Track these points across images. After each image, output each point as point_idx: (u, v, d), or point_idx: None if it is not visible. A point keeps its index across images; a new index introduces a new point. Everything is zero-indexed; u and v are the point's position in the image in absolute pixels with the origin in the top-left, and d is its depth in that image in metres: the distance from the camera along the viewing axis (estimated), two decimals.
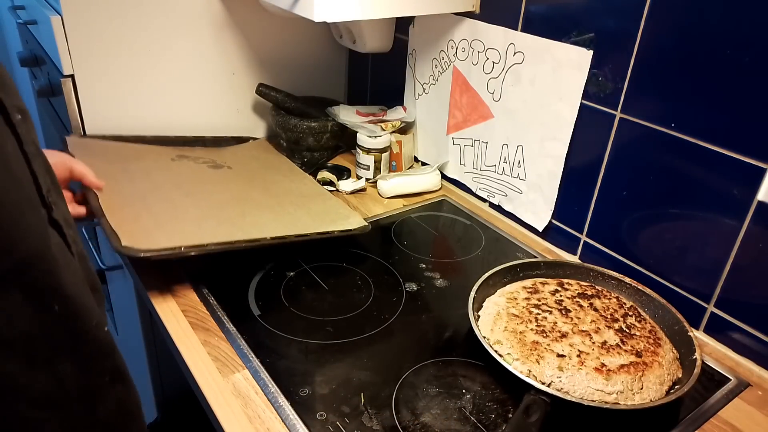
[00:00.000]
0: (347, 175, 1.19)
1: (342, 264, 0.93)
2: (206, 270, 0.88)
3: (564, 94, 0.91)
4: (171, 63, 1.17)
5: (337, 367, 0.72)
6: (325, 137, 1.22)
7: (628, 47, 0.81)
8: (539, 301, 0.78)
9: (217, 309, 0.81)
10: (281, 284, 0.87)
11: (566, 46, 0.88)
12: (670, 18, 0.76)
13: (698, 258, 0.80)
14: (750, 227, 0.74)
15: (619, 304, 0.79)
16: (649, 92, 0.81)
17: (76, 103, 1.10)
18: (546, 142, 0.96)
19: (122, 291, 1.16)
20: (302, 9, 0.88)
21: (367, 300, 0.85)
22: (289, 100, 1.25)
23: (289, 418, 0.65)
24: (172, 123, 1.22)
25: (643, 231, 0.86)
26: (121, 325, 1.33)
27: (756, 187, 0.72)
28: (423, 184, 1.16)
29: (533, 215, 1.03)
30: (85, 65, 1.07)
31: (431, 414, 0.66)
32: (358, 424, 0.64)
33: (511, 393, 0.69)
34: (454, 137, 1.15)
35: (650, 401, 0.66)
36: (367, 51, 1.26)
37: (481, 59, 1.04)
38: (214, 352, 0.74)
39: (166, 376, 1.09)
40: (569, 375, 0.66)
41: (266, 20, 1.24)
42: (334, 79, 1.42)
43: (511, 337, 0.72)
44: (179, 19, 1.14)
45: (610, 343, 0.71)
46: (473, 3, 1.02)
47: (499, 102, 1.03)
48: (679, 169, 0.79)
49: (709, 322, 0.81)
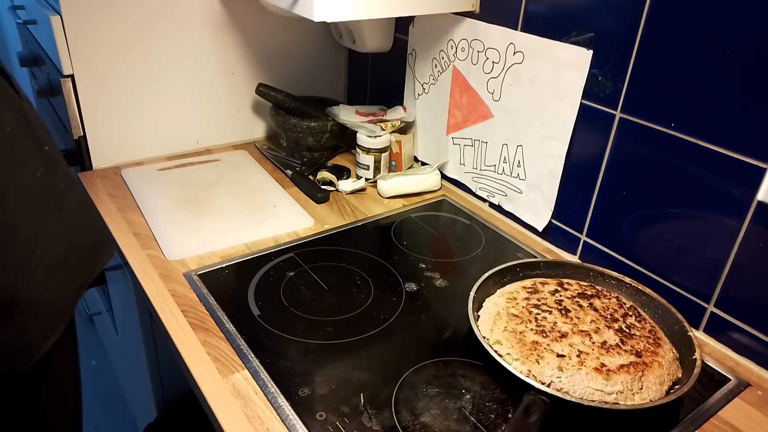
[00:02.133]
0: (347, 175, 1.19)
1: (342, 264, 0.93)
2: (206, 270, 0.88)
3: (564, 94, 0.91)
4: (171, 63, 1.17)
5: (337, 368, 0.72)
6: (324, 137, 1.22)
7: (628, 47, 0.81)
8: (539, 301, 0.78)
9: (216, 309, 0.81)
10: (281, 284, 0.87)
11: (566, 45, 0.88)
12: (670, 18, 0.76)
13: (698, 258, 0.80)
14: (750, 227, 0.74)
15: (619, 304, 0.79)
16: (649, 92, 0.80)
17: (76, 103, 1.10)
18: (546, 141, 0.96)
19: (122, 291, 1.16)
20: (302, 9, 0.88)
21: (366, 300, 0.85)
22: (288, 100, 1.25)
23: (288, 419, 0.65)
24: (172, 122, 1.22)
25: (643, 231, 0.86)
26: (121, 325, 1.33)
27: (756, 187, 0.72)
28: (423, 184, 1.16)
29: (533, 215, 1.03)
30: (85, 65, 1.08)
31: (431, 414, 0.66)
32: (358, 424, 0.64)
33: (510, 393, 0.69)
34: (453, 137, 1.15)
35: (650, 401, 0.66)
36: (367, 51, 1.26)
37: (480, 59, 1.04)
38: (213, 352, 0.74)
39: (165, 376, 1.09)
40: (569, 375, 0.66)
41: (266, 20, 1.24)
42: (334, 79, 1.42)
43: (511, 337, 0.72)
44: (179, 18, 1.14)
45: (609, 343, 0.71)
46: (473, 3, 1.02)
47: (498, 102, 1.03)
48: (679, 169, 0.79)
49: (709, 322, 0.81)
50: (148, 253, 0.92)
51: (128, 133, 1.18)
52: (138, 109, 1.17)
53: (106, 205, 1.04)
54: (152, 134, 1.21)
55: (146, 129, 1.20)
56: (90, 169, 1.16)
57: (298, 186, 1.16)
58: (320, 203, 1.11)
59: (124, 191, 1.09)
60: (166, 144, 1.24)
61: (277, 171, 1.22)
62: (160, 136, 1.22)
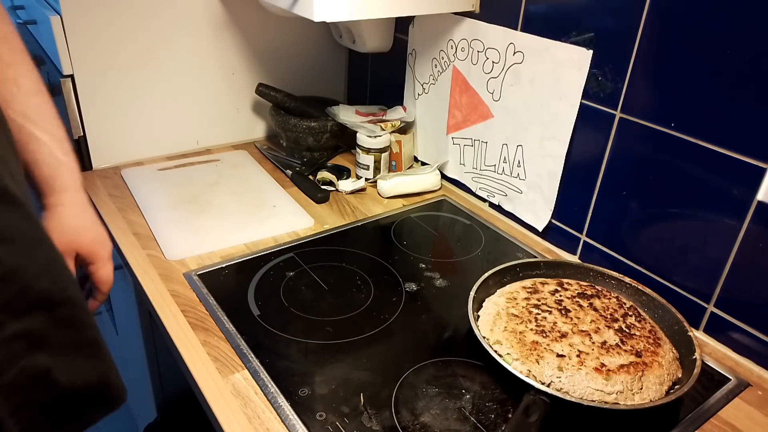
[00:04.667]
0: (347, 174, 1.19)
1: (342, 264, 0.93)
2: (206, 270, 0.88)
3: (564, 94, 0.91)
4: (171, 63, 1.17)
5: (337, 368, 0.72)
6: (324, 137, 1.22)
7: (627, 47, 0.81)
8: (539, 301, 0.78)
9: (216, 309, 0.81)
10: (281, 284, 0.87)
11: (566, 45, 0.88)
12: (670, 18, 0.76)
13: (698, 258, 0.80)
14: (750, 227, 0.74)
15: (619, 304, 0.79)
16: (649, 92, 0.80)
17: (76, 103, 1.10)
18: (546, 141, 0.96)
19: (122, 291, 1.16)
20: (302, 9, 0.88)
21: (366, 300, 0.85)
22: (288, 100, 1.25)
23: (288, 419, 0.65)
24: (172, 122, 1.22)
25: (643, 231, 0.86)
26: (121, 325, 1.33)
27: (756, 187, 0.72)
28: (423, 184, 1.16)
29: (533, 215, 1.03)
30: (85, 65, 1.08)
31: (431, 414, 0.66)
32: (358, 424, 0.64)
33: (510, 393, 0.69)
34: (453, 137, 1.15)
35: (650, 401, 0.66)
36: (366, 51, 1.26)
37: (480, 59, 1.03)
38: (213, 352, 0.74)
39: (165, 376, 1.09)
40: (569, 375, 0.66)
41: (266, 20, 1.24)
42: (333, 79, 1.42)
43: (511, 337, 0.72)
44: (179, 18, 1.14)
45: (609, 343, 0.71)
46: (473, 3, 1.02)
47: (498, 102, 1.03)
48: (679, 169, 0.79)
49: (709, 322, 0.81)
50: (148, 253, 0.92)
51: (128, 133, 1.18)
52: (138, 109, 1.17)
53: (106, 205, 1.04)
54: (152, 134, 1.21)
55: (146, 129, 1.20)
56: (90, 169, 1.16)
57: (298, 186, 1.16)
58: (320, 203, 1.11)
59: (124, 191, 1.09)
60: (166, 144, 1.24)
61: (277, 171, 1.22)
62: (160, 136, 1.22)
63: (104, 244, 0.76)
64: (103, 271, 0.75)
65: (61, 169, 0.71)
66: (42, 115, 0.70)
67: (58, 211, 0.71)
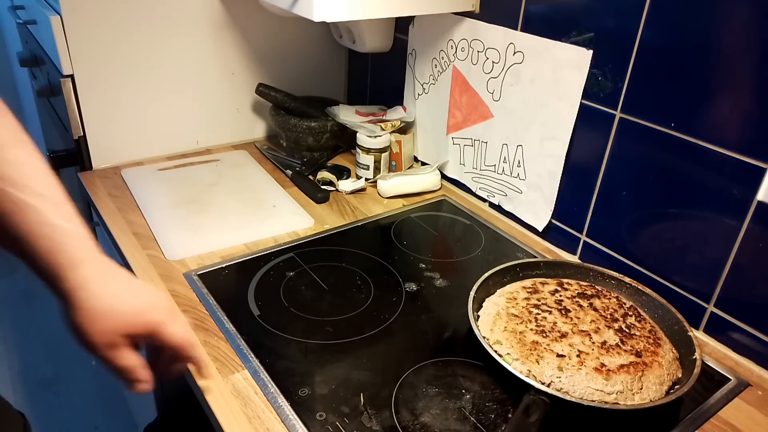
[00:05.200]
0: (347, 175, 1.19)
1: (342, 264, 0.93)
2: (206, 270, 0.88)
3: (564, 94, 0.91)
4: (171, 63, 1.17)
5: (337, 368, 0.72)
6: (324, 137, 1.22)
7: (627, 47, 0.81)
8: (539, 301, 0.78)
9: (216, 309, 0.81)
10: (281, 284, 0.87)
11: (566, 45, 0.88)
12: (670, 18, 0.76)
13: (698, 258, 0.80)
14: (750, 227, 0.74)
15: (619, 304, 0.79)
16: (649, 92, 0.80)
17: (76, 103, 1.10)
18: (546, 141, 0.96)
19: None
20: (302, 9, 0.88)
21: (366, 300, 0.85)
22: (288, 100, 1.25)
23: (288, 419, 0.65)
24: (172, 122, 1.22)
25: (643, 231, 0.86)
26: None
27: (756, 187, 0.72)
28: (423, 184, 1.16)
29: (533, 215, 1.03)
30: (84, 65, 1.08)
31: (431, 414, 0.66)
32: (358, 424, 0.64)
33: (510, 393, 0.69)
34: (453, 137, 1.15)
35: (650, 401, 0.66)
36: (366, 51, 1.26)
37: (480, 59, 1.04)
38: (213, 352, 0.74)
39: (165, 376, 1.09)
40: (569, 375, 0.66)
41: (266, 20, 1.24)
42: (333, 79, 1.42)
43: (511, 337, 0.72)
44: (179, 18, 1.14)
45: (609, 343, 0.71)
46: (473, 3, 1.02)
47: (498, 102, 1.03)
48: (679, 169, 0.79)
49: (709, 322, 0.81)
50: (148, 253, 0.92)
51: (128, 133, 1.18)
52: (138, 109, 1.17)
53: (106, 205, 1.04)
54: (152, 134, 1.21)
55: (146, 129, 1.20)
56: (90, 169, 1.16)
57: (298, 186, 1.16)
58: (320, 203, 1.11)
59: (124, 191, 1.09)
60: (166, 144, 1.24)
61: (277, 171, 1.22)
62: (160, 136, 1.22)
63: (156, 307, 0.58)
64: (168, 334, 0.58)
65: (64, 238, 0.53)
66: (24, 172, 0.53)
67: (79, 298, 0.53)
